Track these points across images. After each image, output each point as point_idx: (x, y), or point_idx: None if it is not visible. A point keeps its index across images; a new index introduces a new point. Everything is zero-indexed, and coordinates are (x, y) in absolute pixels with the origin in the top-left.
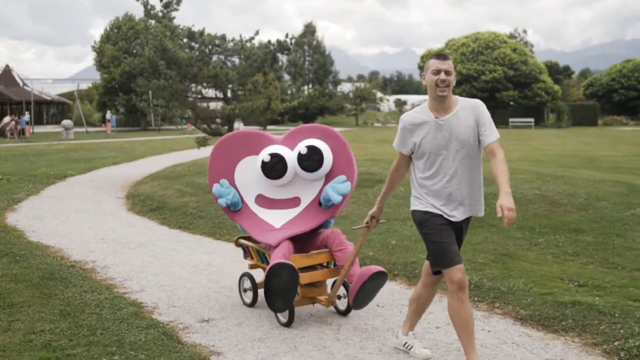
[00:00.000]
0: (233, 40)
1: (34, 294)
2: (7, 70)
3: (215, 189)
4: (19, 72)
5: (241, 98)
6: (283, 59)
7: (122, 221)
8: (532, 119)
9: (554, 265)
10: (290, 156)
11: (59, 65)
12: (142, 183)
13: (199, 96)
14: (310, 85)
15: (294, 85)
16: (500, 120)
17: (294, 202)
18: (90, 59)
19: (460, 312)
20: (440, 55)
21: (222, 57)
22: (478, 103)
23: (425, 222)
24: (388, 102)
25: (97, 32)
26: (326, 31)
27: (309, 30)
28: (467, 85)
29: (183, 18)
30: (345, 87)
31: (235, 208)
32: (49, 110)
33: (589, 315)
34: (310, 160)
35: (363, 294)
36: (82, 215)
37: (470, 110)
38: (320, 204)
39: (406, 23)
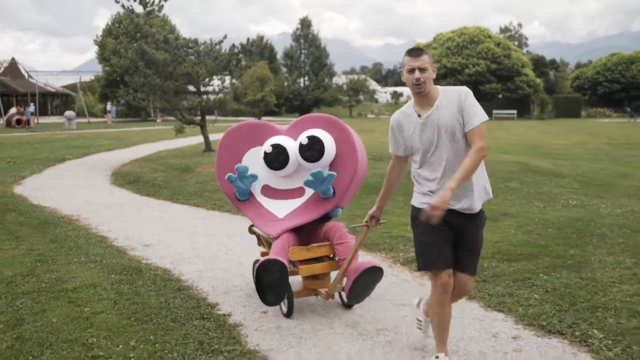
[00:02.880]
0: (204, 43)
1: (34, 232)
2: (13, 63)
3: (240, 170)
4: (23, 63)
5: (210, 92)
6: (279, 51)
7: (104, 191)
8: (514, 111)
9: None
10: (292, 147)
11: (63, 57)
12: (127, 164)
13: (178, 91)
14: (306, 78)
15: (290, 77)
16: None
17: (299, 192)
18: (94, 50)
19: (438, 313)
20: (412, 51)
21: (194, 57)
22: (461, 92)
23: (416, 219)
24: (385, 94)
25: (101, 22)
26: (330, 22)
27: (305, 23)
28: (452, 78)
29: (187, 8)
30: (341, 80)
31: (244, 198)
32: (53, 101)
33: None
34: (312, 151)
35: (357, 288)
36: (74, 187)
37: (453, 100)
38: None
39: (411, 14)
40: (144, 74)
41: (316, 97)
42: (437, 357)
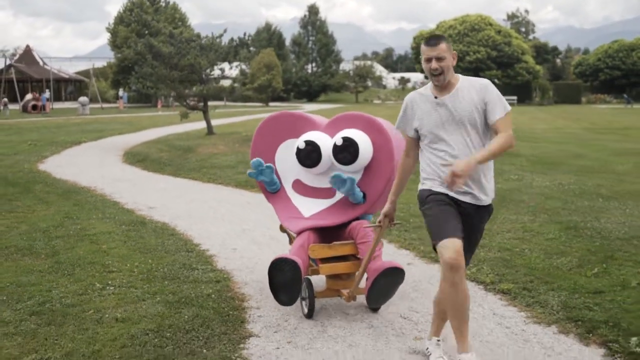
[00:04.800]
0: (206, 37)
1: (59, 198)
2: (28, 50)
3: (254, 164)
4: (37, 49)
5: (211, 81)
6: (287, 39)
7: (116, 168)
8: (515, 97)
9: None
10: (327, 145)
11: (76, 42)
12: (137, 146)
13: (183, 80)
14: (314, 64)
15: (297, 63)
16: None
17: (329, 192)
18: (106, 36)
19: (450, 297)
20: (429, 40)
21: (196, 50)
22: (484, 83)
23: (426, 198)
24: (394, 80)
25: (113, 8)
26: (342, 7)
27: (313, 10)
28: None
29: None
30: (348, 66)
31: (273, 189)
32: (67, 87)
33: None
34: (345, 153)
35: (376, 291)
36: (90, 165)
37: (474, 91)
38: None
39: None
40: (151, 65)
41: (323, 83)
42: None
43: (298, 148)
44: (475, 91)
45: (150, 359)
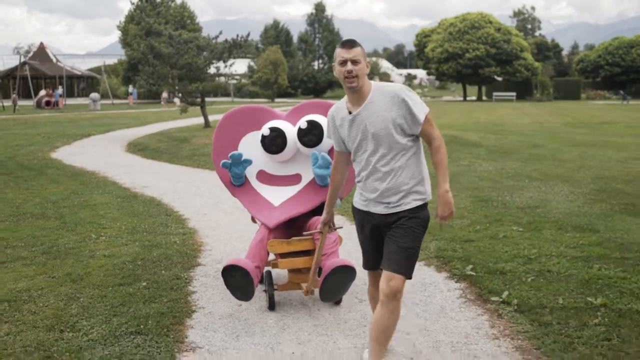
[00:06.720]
0: (203, 38)
1: (68, 179)
2: (42, 47)
3: (235, 156)
4: (50, 45)
5: (208, 79)
6: (294, 36)
7: (119, 156)
8: (514, 94)
9: None
10: (291, 131)
11: (88, 38)
12: (140, 138)
13: (181, 78)
14: (320, 61)
15: (304, 60)
16: (486, 94)
17: (295, 179)
18: (118, 33)
19: (382, 320)
20: (345, 43)
21: (194, 50)
22: (398, 90)
23: (353, 216)
24: (400, 77)
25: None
26: (354, 3)
27: (320, 8)
28: (453, 62)
29: None
30: None
31: (240, 182)
32: (79, 84)
33: None
34: (310, 135)
35: (328, 287)
36: (96, 154)
37: (387, 98)
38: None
39: None
40: (153, 64)
41: (329, 80)
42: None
43: (263, 135)
44: (388, 99)
45: (125, 276)
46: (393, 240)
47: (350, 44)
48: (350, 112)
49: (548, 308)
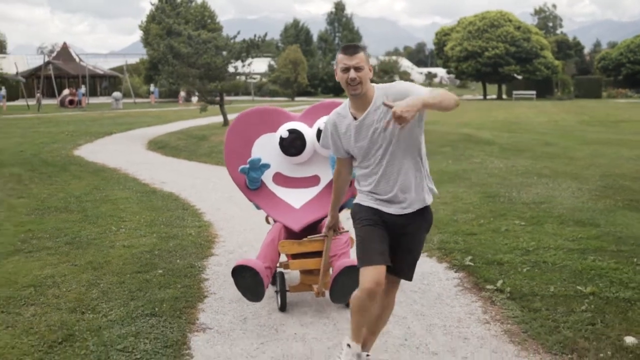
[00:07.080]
0: (221, 38)
1: (90, 175)
2: (65, 47)
3: (253, 162)
4: (73, 45)
5: (227, 78)
6: (314, 35)
7: (140, 154)
8: (534, 92)
9: None
10: (309, 133)
11: (111, 38)
12: (161, 136)
13: (201, 77)
14: None
15: (324, 59)
16: (506, 92)
17: (314, 180)
18: (139, 33)
19: (358, 312)
20: (348, 48)
21: (212, 50)
22: (399, 88)
23: (356, 214)
24: (421, 75)
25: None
26: (375, 2)
27: (339, 7)
28: (472, 60)
29: None
30: (372, 62)
31: (256, 186)
32: (101, 83)
33: None
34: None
35: (338, 288)
36: (118, 152)
37: (392, 99)
38: None
39: None
40: (172, 64)
41: None
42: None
43: (281, 137)
44: (394, 100)
45: (142, 265)
46: (408, 250)
47: (353, 50)
48: (355, 118)
49: (539, 295)
